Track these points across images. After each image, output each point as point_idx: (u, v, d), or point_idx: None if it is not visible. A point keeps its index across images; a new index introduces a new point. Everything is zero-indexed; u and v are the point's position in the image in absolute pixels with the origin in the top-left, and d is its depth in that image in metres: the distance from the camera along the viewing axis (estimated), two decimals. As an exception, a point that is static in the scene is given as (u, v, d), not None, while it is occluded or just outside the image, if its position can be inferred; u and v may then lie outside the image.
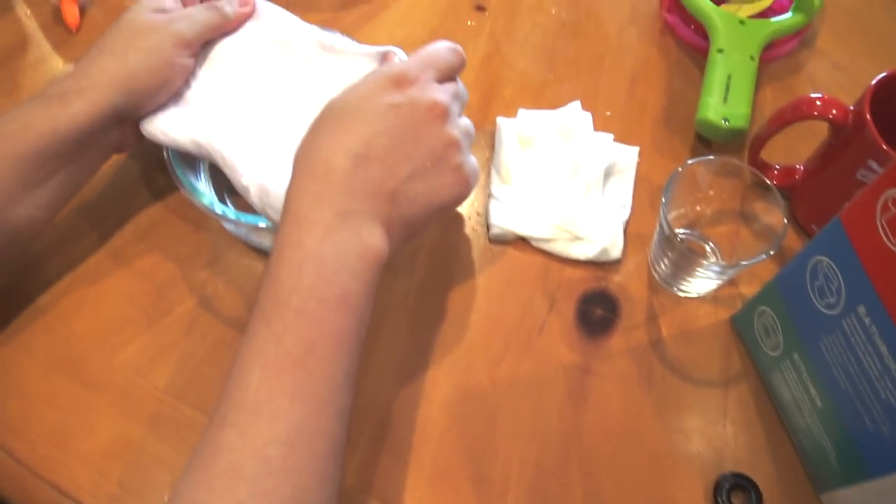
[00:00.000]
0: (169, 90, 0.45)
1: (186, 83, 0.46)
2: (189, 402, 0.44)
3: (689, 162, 0.46)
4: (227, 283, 0.48)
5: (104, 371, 0.45)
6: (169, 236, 0.50)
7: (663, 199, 0.45)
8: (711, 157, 0.47)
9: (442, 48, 0.41)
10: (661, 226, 0.46)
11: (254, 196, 0.42)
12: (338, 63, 0.48)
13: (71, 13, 0.57)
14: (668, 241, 0.46)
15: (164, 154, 0.46)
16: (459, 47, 0.42)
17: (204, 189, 0.47)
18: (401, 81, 0.38)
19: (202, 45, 0.48)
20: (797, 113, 0.47)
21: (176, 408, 0.44)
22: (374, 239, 0.35)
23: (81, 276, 0.48)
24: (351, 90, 0.38)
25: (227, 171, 0.43)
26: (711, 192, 0.49)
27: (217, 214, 0.44)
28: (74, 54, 0.58)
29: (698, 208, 0.50)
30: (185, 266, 0.49)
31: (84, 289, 0.48)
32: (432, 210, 0.39)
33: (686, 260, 0.45)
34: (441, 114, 0.38)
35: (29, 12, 0.60)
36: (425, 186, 0.38)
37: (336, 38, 0.49)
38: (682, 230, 0.52)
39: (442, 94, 0.39)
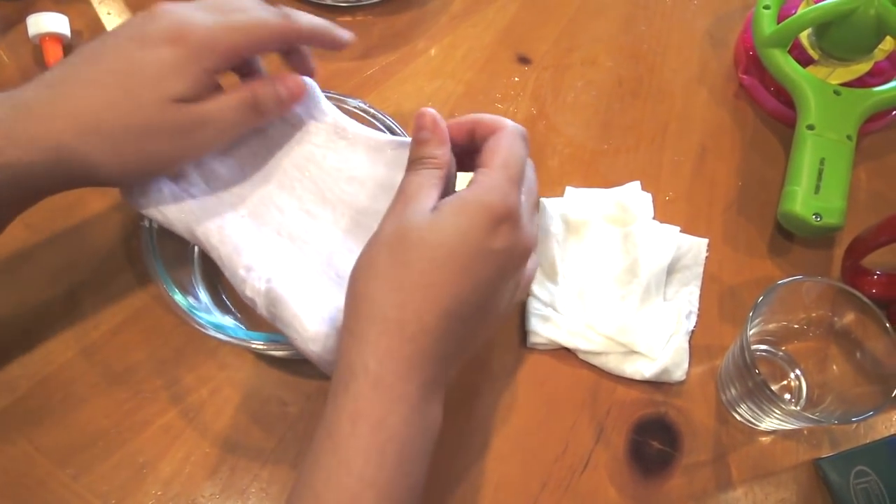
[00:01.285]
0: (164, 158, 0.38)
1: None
2: (165, 543, 0.39)
3: (782, 283, 0.40)
4: (215, 391, 0.44)
5: (66, 496, 0.41)
6: (150, 330, 0.45)
7: (748, 324, 0.39)
8: (813, 279, 0.41)
9: (517, 151, 0.36)
10: (740, 350, 0.40)
11: (261, 307, 0.37)
12: (354, 153, 0.43)
13: (53, 53, 0.53)
14: (745, 370, 0.40)
15: (145, 240, 0.41)
16: (525, 134, 0.37)
17: (197, 295, 0.42)
18: (505, 219, 0.33)
19: None
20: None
21: (148, 545, 0.39)
22: (440, 409, 0.34)
23: (48, 377, 0.44)
24: (448, 225, 0.32)
25: (227, 273, 0.38)
26: (804, 308, 0.43)
27: (201, 325, 0.39)
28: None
29: (784, 323, 0.44)
30: (167, 368, 0.44)
31: (51, 393, 0.43)
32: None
33: (765, 398, 0.40)
34: (528, 255, 0.36)
35: (6, 57, 0.55)
36: (486, 327, 0.36)
37: (350, 123, 0.43)
38: (763, 347, 0.46)
39: (534, 230, 0.36)
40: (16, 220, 0.38)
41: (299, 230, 0.41)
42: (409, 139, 0.42)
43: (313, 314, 0.36)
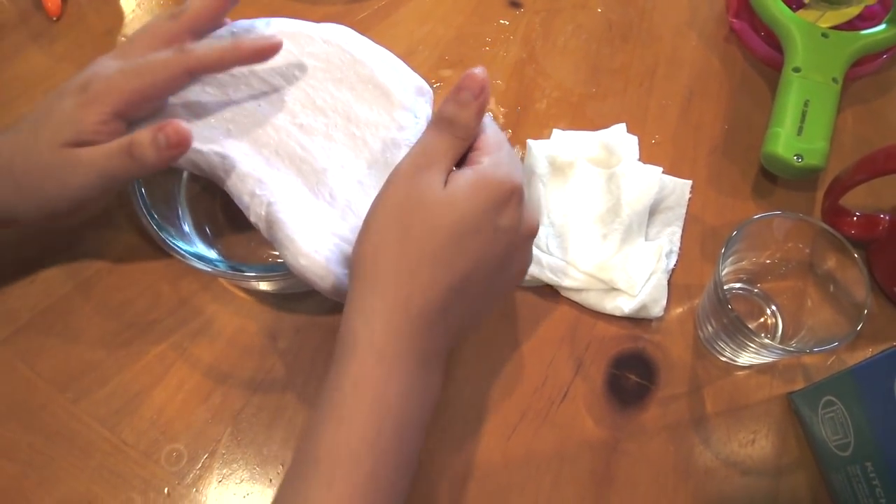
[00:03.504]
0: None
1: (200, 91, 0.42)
2: (158, 461, 0.41)
3: (756, 218, 0.40)
4: (206, 325, 0.45)
5: (67, 420, 0.42)
6: (143, 268, 0.47)
7: (720, 261, 0.39)
8: (784, 214, 0.41)
9: (502, 135, 0.37)
10: (714, 288, 0.41)
11: (263, 231, 0.38)
12: (333, 53, 0.43)
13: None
14: (719, 307, 0.41)
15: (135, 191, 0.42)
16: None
17: (182, 227, 0.43)
18: (511, 196, 0.34)
19: None
20: (892, 163, 0.41)
21: (145, 466, 0.41)
22: (440, 378, 0.35)
23: (47, 310, 0.45)
24: (461, 201, 0.33)
25: (235, 200, 0.39)
26: (776, 244, 0.43)
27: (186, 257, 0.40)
28: (53, 45, 0.54)
29: (759, 260, 0.45)
30: (161, 302, 0.45)
31: (49, 325, 0.44)
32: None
33: (740, 333, 0.40)
34: (533, 234, 0.36)
35: (6, 1, 0.56)
36: (488, 303, 0.37)
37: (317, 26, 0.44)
38: (739, 285, 0.46)
39: (534, 211, 0.38)
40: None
41: (296, 147, 0.41)
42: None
43: (306, 235, 0.37)
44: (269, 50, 0.40)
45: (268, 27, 0.44)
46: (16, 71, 0.53)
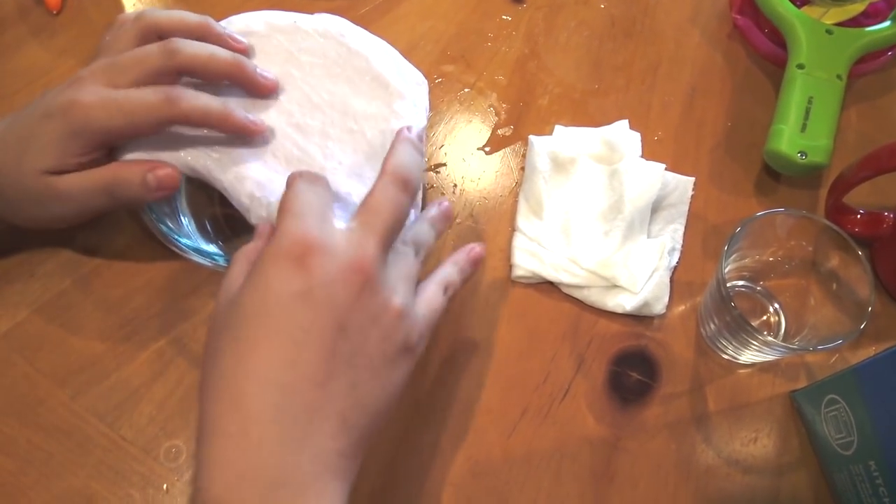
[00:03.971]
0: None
1: None
2: (157, 458, 0.41)
3: (758, 215, 0.40)
4: (206, 321, 0.45)
5: (66, 415, 0.42)
6: (143, 263, 0.46)
7: (723, 259, 0.39)
8: (787, 211, 0.41)
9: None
10: (717, 285, 0.40)
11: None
12: (327, 46, 0.43)
13: (52, -11, 0.53)
14: (722, 304, 0.40)
15: None
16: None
17: (181, 222, 0.43)
18: (303, 254, 0.30)
19: None
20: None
21: (144, 463, 0.41)
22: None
23: (46, 305, 0.44)
24: (243, 280, 0.31)
25: (234, 202, 0.39)
26: (779, 241, 0.43)
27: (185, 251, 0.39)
28: (54, 39, 0.54)
29: (762, 258, 0.45)
30: (160, 298, 0.45)
31: (49, 318, 0.44)
32: (393, 403, 0.32)
33: (742, 331, 0.40)
34: (367, 279, 0.31)
35: (6, -9, 0.55)
36: (377, 384, 0.31)
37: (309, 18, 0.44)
38: (742, 283, 0.46)
39: (366, 245, 0.31)
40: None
41: (292, 149, 0.41)
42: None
43: None
44: (252, 130, 0.39)
45: (262, 23, 0.44)
46: (16, 65, 0.52)
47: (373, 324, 0.31)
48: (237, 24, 0.43)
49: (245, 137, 0.40)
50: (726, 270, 0.41)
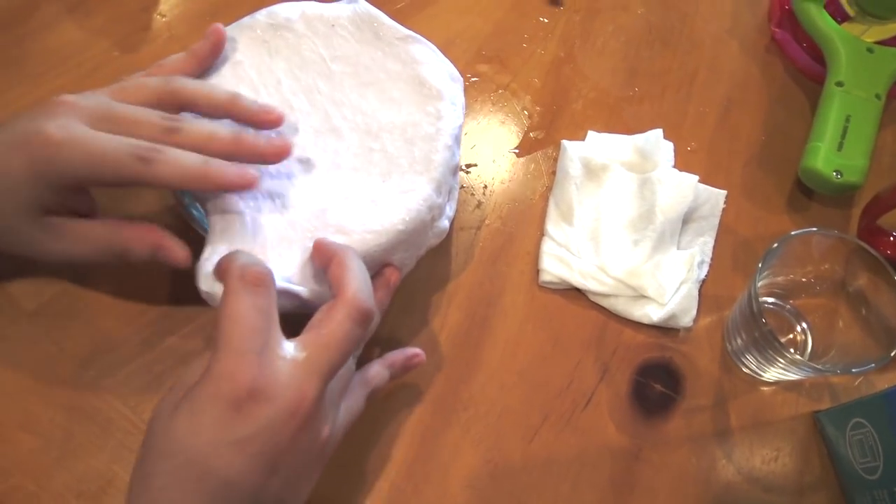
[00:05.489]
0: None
1: None
2: (178, 445, 0.40)
3: (795, 234, 0.40)
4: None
5: (89, 396, 0.42)
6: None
7: (758, 275, 0.39)
8: (824, 231, 0.41)
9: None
10: (748, 300, 0.40)
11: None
12: (364, 44, 0.43)
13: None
14: (752, 320, 0.40)
15: None
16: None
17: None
18: (242, 399, 0.29)
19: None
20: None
21: (164, 448, 0.40)
22: None
23: (74, 285, 0.44)
24: (179, 425, 0.30)
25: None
26: (812, 261, 0.43)
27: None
28: (89, 19, 0.54)
29: (793, 276, 0.44)
30: (188, 284, 0.45)
31: (76, 298, 0.44)
32: (310, 489, 0.34)
33: (770, 348, 0.40)
34: (305, 420, 0.30)
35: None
36: (295, 491, 0.32)
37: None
38: (772, 300, 0.46)
39: (308, 387, 0.30)
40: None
41: (289, 188, 0.39)
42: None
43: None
44: (238, 185, 0.36)
45: (301, 17, 0.43)
46: (49, 43, 0.52)
47: (302, 454, 0.31)
48: (279, 16, 0.43)
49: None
50: (758, 284, 0.41)
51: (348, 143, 0.41)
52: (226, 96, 0.38)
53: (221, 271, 0.33)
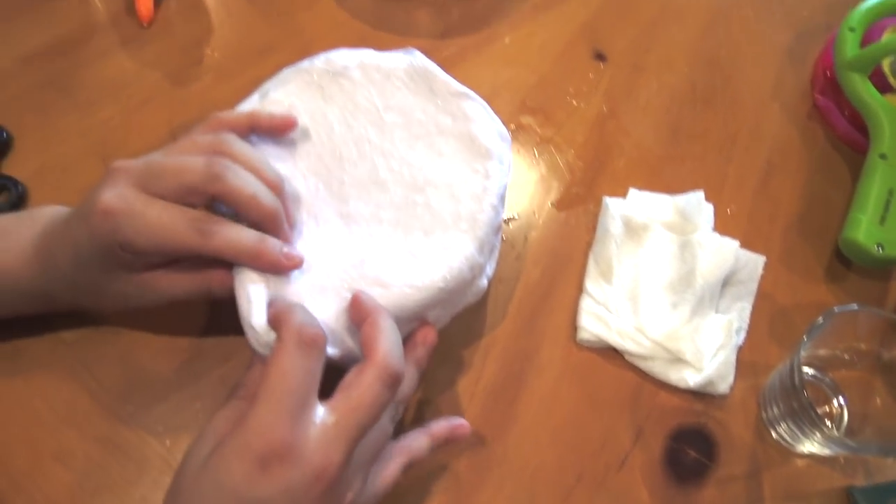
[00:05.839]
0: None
1: None
2: (211, 486, 0.40)
3: (840, 310, 0.40)
4: (271, 351, 0.44)
5: (124, 431, 0.42)
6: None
7: (803, 346, 0.39)
8: (872, 310, 0.41)
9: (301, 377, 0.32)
10: (790, 371, 0.40)
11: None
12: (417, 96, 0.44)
13: (144, 4, 0.54)
14: (792, 391, 0.40)
15: None
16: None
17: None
18: (270, 458, 0.30)
19: None
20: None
21: (196, 488, 0.40)
22: None
23: (113, 318, 0.45)
24: (207, 478, 0.31)
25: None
26: (855, 337, 0.43)
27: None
28: (142, 52, 0.55)
29: (833, 351, 0.44)
30: (228, 321, 0.45)
31: (114, 330, 0.45)
32: None
33: (808, 420, 0.40)
34: (329, 485, 0.31)
35: (99, 2, 0.56)
36: None
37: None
38: (810, 371, 0.46)
39: (334, 453, 0.31)
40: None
41: (324, 237, 0.40)
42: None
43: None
44: (285, 266, 0.37)
45: (358, 65, 0.44)
46: (103, 73, 0.53)
47: None
48: (337, 63, 0.44)
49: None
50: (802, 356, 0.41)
51: (392, 196, 0.41)
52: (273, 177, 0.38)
53: (278, 323, 0.33)
